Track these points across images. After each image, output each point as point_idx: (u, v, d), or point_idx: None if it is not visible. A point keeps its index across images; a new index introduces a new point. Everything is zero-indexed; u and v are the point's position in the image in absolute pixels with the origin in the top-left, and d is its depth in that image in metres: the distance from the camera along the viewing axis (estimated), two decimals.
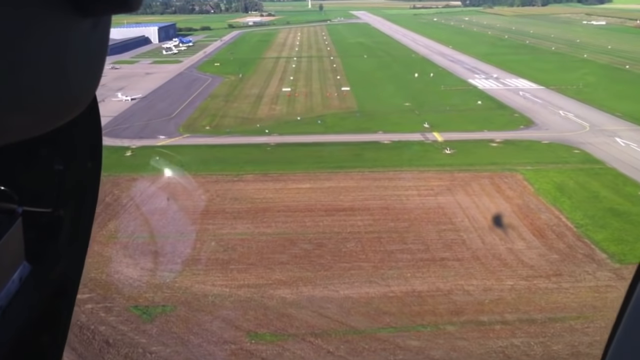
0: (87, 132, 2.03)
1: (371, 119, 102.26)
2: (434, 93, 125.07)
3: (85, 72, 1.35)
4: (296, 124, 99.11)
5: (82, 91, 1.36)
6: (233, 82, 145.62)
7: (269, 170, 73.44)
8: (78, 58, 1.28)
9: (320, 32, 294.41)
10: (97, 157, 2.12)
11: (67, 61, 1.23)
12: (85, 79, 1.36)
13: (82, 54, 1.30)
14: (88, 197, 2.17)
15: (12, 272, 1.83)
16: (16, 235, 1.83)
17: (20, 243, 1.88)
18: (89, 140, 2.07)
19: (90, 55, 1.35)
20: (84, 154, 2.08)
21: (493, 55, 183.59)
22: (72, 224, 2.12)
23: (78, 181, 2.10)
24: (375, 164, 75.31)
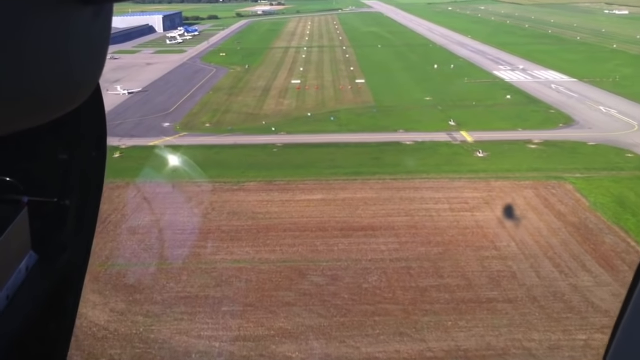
0: (91, 121, 2.01)
1: (390, 115, 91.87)
2: (457, 86, 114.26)
3: (88, 61, 1.34)
4: (306, 121, 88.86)
5: (85, 80, 1.36)
6: (239, 73, 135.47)
7: (275, 177, 63.35)
8: (80, 47, 1.28)
9: (332, 21, 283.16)
10: (101, 147, 2.09)
11: (69, 50, 1.23)
12: (88, 68, 1.36)
13: (84, 42, 1.30)
14: (93, 186, 2.15)
15: (19, 261, 1.85)
16: (22, 225, 1.85)
17: (26, 233, 1.90)
18: (94, 130, 2.04)
19: (92, 44, 1.34)
20: (89, 143, 2.06)
21: (516, 46, 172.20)
22: (78, 214, 2.11)
23: (83, 171, 2.09)
24: (397, 169, 65.04)
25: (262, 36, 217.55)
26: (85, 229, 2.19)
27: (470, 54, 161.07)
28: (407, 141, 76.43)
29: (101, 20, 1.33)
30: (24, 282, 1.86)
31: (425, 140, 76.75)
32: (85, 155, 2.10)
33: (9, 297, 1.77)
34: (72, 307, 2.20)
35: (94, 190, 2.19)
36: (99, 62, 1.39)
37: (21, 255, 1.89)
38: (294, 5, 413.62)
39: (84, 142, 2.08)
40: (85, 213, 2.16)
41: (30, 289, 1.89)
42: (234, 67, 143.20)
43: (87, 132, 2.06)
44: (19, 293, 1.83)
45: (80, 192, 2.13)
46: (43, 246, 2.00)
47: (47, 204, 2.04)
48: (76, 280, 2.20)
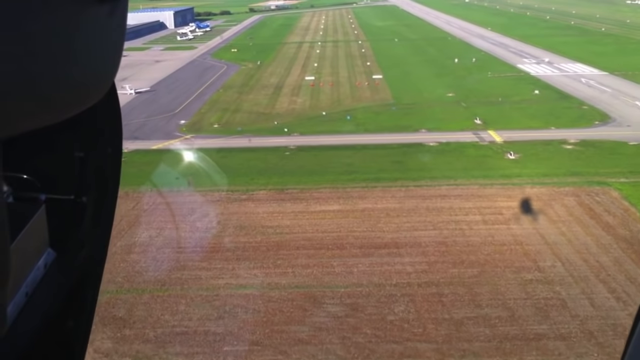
0: (106, 118, 2.04)
1: (410, 113, 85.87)
2: (480, 81, 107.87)
3: (104, 58, 1.35)
4: (321, 121, 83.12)
5: (101, 78, 1.37)
6: (250, 70, 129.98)
7: (287, 184, 57.81)
8: (96, 44, 1.29)
9: (347, 15, 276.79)
10: (117, 143, 2.13)
11: (84, 48, 1.24)
12: (104, 65, 1.37)
13: (99, 40, 1.31)
14: (109, 183, 2.18)
15: (37, 258, 1.88)
16: (40, 223, 1.88)
17: (44, 230, 1.92)
18: (109, 127, 2.07)
19: (107, 41, 1.36)
20: (104, 140, 2.09)
21: (539, 37, 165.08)
22: (95, 210, 2.14)
23: (99, 167, 2.13)
24: (421, 174, 59.17)
25: (275, 31, 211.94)
26: (102, 225, 2.19)
27: (492, 46, 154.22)
28: (431, 142, 70.46)
29: (116, 18, 1.34)
30: (42, 279, 1.87)
31: (450, 140, 70.75)
32: (102, 152, 2.10)
33: (28, 294, 1.78)
34: (90, 304, 2.19)
35: (111, 187, 2.18)
36: (115, 60, 1.41)
37: (39, 252, 1.90)
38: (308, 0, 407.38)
39: (99, 139, 2.07)
40: (102, 210, 2.16)
41: (49, 286, 1.89)
42: (246, 64, 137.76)
43: (103, 129, 2.05)
44: (38, 290, 1.83)
45: (96, 189, 2.13)
46: (61, 243, 2.00)
47: (64, 201, 2.05)
48: (94, 277, 2.19)
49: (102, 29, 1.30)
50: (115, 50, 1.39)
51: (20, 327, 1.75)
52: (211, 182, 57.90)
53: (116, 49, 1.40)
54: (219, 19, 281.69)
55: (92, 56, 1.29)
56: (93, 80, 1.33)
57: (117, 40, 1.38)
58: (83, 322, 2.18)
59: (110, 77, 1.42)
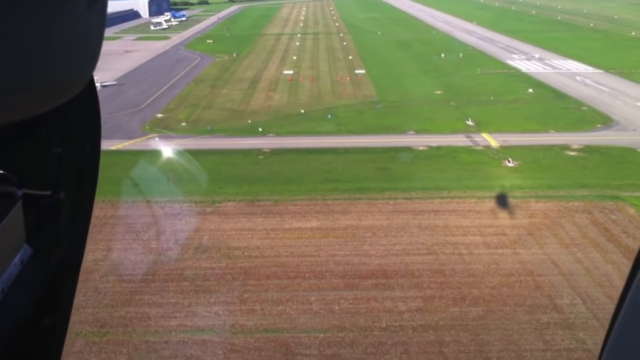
0: (85, 114, 2.02)
1: (396, 112, 79.11)
2: (469, 78, 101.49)
3: (82, 51, 1.33)
4: (299, 120, 76.01)
5: (79, 71, 1.35)
6: (225, 62, 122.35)
7: (259, 194, 50.79)
8: (74, 37, 1.27)
9: (327, 7, 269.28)
10: (96, 139, 2.10)
11: (63, 41, 1.22)
12: (82, 59, 1.34)
13: (79, 33, 1.29)
14: (88, 179, 2.15)
15: (13, 255, 1.86)
16: (17, 219, 1.86)
17: (20, 226, 1.90)
18: (87, 122, 2.05)
19: (86, 35, 1.33)
20: (83, 136, 2.06)
21: (526, 32, 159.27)
22: (72, 207, 2.11)
23: (77, 163, 2.10)
24: (411, 184, 52.46)
25: (254, 22, 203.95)
26: (80, 222, 2.16)
27: (479, 41, 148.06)
28: (420, 146, 63.76)
29: (96, 11, 1.32)
30: (18, 276, 1.84)
31: (440, 144, 64.11)
32: (80, 148, 2.07)
33: (4, 291, 1.76)
34: (67, 301, 2.17)
35: (89, 184, 2.15)
36: (94, 54, 1.38)
37: (16, 248, 1.87)
38: None
39: (78, 135, 2.04)
40: (79, 206, 2.13)
41: (25, 283, 1.87)
42: (221, 56, 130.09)
43: (81, 126, 2.03)
44: (14, 287, 1.80)
45: (74, 185, 2.10)
46: (37, 240, 1.98)
47: (41, 197, 2.02)
48: (71, 274, 2.16)
49: (81, 22, 1.28)
50: (94, 44, 1.37)
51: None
52: (173, 191, 50.69)
53: (95, 43, 1.37)
54: (197, 8, 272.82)
55: (70, 50, 1.26)
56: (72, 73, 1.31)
57: (96, 34, 1.36)
58: (60, 319, 2.12)
59: (89, 71, 1.39)
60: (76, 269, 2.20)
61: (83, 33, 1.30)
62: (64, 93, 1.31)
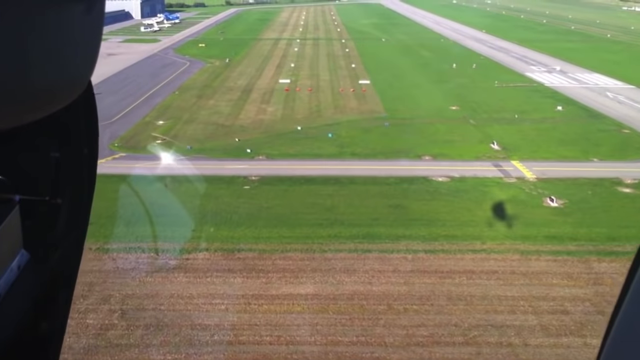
0: (82, 118, 2.01)
1: (407, 131, 68.16)
2: (486, 91, 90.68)
3: (80, 56, 1.33)
4: (295, 138, 64.95)
5: (78, 76, 1.35)
6: (216, 68, 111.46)
7: (241, 241, 39.84)
8: (72, 42, 1.26)
9: (329, 12, 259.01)
10: (93, 144, 2.10)
11: (61, 45, 1.22)
12: (81, 64, 1.34)
13: (77, 37, 1.28)
14: (85, 184, 2.15)
15: (11, 260, 1.86)
16: (14, 224, 1.86)
17: (18, 231, 1.91)
18: (85, 127, 2.05)
19: (84, 39, 1.33)
20: (80, 140, 2.06)
21: (540, 42, 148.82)
22: (70, 212, 2.12)
23: (75, 168, 2.10)
24: (433, 230, 41.47)
25: (250, 26, 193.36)
26: (77, 227, 2.15)
27: (491, 50, 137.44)
28: (439, 176, 52.74)
29: (93, 15, 1.31)
30: (15, 281, 1.83)
31: (464, 174, 53.12)
32: (77, 152, 2.06)
33: (1, 296, 1.76)
34: (64, 306, 2.16)
35: (86, 188, 2.15)
36: (92, 58, 1.38)
37: (13, 254, 1.87)
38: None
39: (75, 139, 2.03)
40: (77, 211, 2.13)
41: (23, 288, 1.86)
42: (212, 61, 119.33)
43: (79, 130, 2.02)
44: (11, 292, 1.80)
45: (72, 190, 2.10)
46: (35, 245, 1.97)
47: (38, 202, 2.01)
48: (68, 279, 2.15)
49: (79, 26, 1.26)
50: (91, 49, 1.35)
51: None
52: (131, 233, 39.68)
53: (93, 48, 1.36)
54: (192, 11, 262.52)
55: (69, 54, 1.25)
56: (70, 78, 1.30)
57: (94, 38, 1.35)
58: (57, 324, 2.11)
59: (87, 75, 1.39)
60: (73, 274, 2.17)
61: (81, 37, 1.29)
62: (62, 98, 1.30)
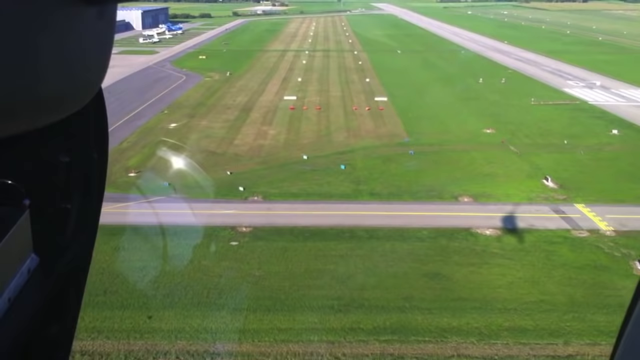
0: (92, 123, 2.02)
1: (437, 161, 55.97)
2: (523, 110, 78.37)
3: (92, 62, 1.34)
4: (299, 172, 52.79)
5: (89, 81, 1.35)
6: (215, 83, 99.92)
7: (218, 337, 27.58)
8: (84, 48, 1.28)
9: (339, 22, 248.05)
10: (103, 149, 2.11)
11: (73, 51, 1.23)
12: (92, 69, 1.35)
13: (88, 43, 1.29)
14: (95, 188, 2.17)
15: (21, 264, 1.87)
16: (24, 227, 1.86)
17: (28, 235, 1.91)
18: (94, 132, 2.05)
19: (96, 45, 1.34)
20: (90, 145, 2.07)
21: (571, 54, 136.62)
22: (80, 216, 2.13)
23: (84, 173, 2.11)
24: (491, 320, 29.10)
25: (257, 37, 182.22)
26: (87, 231, 2.15)
27: (518, 63, 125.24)
28: (485, 228, 40.33)
29: (105, 21, 1.32)
30: (25, 285, 1.84)
31: (518, 225, 40.70)
32: (87, 157, 2.06)
33: (10, 300, 1.75)
34: (73, 310, 2.15)
35: (96, 193, 2.15)
36: (103, 63, 1.38)
37: (23, 257, 1.87)
38: (298, 7, 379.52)
39: (85, 144, 2.03)
40: (86, 216, 2.13)
41: (32, 292, 1.87)
42: (211, 74, 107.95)
43: (89, 134, 2.01)
44: (21, 295, 1.80)
45: (81, 194, 2.10)
46: (45, 249, 1.97)
47: (48, 207, 2.02)
48: (78, 283, 2.16)
49: (91, 32, 1.27)
50: (103, 54, 1.36)
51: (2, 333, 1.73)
52: None
53: (104, 53, 1.37)
54: (197, 21, 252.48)
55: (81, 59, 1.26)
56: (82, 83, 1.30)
57: (105, 43, 1.36)
58: (66, 328, 2.11)
59: (99, 81, 1.39)
60: (83, 278, 2.17)
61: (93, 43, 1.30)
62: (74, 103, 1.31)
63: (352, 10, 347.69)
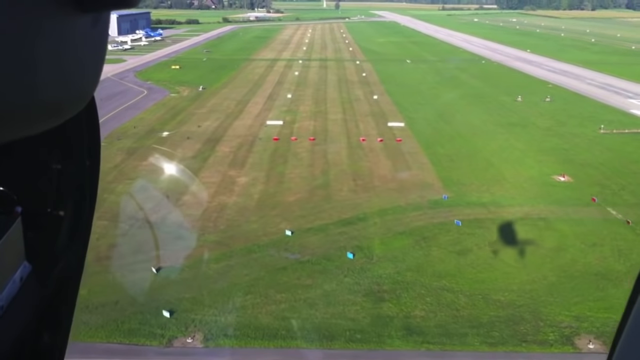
0: (84, 130, 2.02)
1: (504, 240, 34.13)
2: (595, 144, 56.64)
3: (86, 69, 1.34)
4: (275, 270, 30.71)
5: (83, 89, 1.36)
6: (181, 101, 77.96)
7: None
8: (78, 55, 1.28)
9: (338, 29, 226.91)
10: (95, 156, 2.12)
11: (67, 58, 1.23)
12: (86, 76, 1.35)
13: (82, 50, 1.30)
14: (87, 195, 2.16)
15: (13, 272, 1.85)
16: (16, 235, 1.86)
17: (20, 243, 1.89)
18: (87, 139, 2.05)
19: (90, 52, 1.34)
20: (82, 152, 2.07)
21: (610, 65, 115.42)
22: (72, 223, 2.12)
23: (77, 180, 2.11)
24: None
25: (245, 44, 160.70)
26: (79, 238, 2.14)
27: (554, 75, 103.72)
28: None
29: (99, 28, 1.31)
30: (18, 293, 1.81)
31: None
32: (80, 164, 2.06)
33: (3, 308, 1.73)
34: (66, 318, 2.13)
35: (88, 200, 2.14)
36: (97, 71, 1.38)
37: (15, 265, 1.85)
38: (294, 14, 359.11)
39: (77, 151, 2.04)
40: (79, 223, 2.12)
41: (25, 300, 1.85)
42: (180, 89, 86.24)
43: (82, 141, 2.02)
44: (13, 304, 1.78)
45: (74, 201, 2.09)
46: (37, 256, 1.95)
47: (40, 214, 2.02)
48: (70, 291, 2.14)
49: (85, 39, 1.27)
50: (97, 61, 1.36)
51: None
52: None
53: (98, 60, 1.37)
54: (183, 27, 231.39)
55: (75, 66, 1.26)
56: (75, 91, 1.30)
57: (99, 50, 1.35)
58: (59, 336, 2.08)
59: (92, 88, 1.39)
60: (75, 286, 2.16)
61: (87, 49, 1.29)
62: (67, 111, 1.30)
63: (352, 17, 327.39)
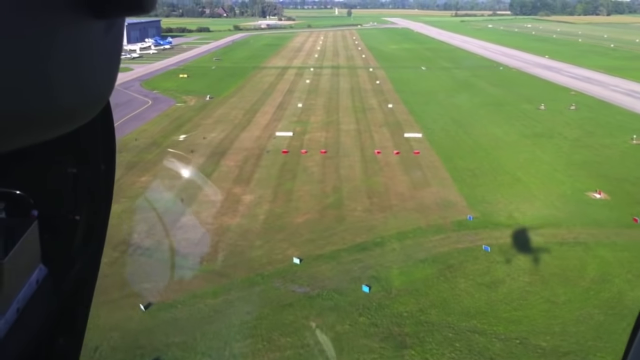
0: (100, 135, 2.06)
1: (543, 273, 30.08)
2: (629, 156, 52.54)
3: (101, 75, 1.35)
4: (279, 306, 26.90)
5: (98, 95, 1.36)
6: (188, 111, 74.71)
7: None
8: (93, 61, 1.29)
9: (350, 37, 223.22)
10: (111, 160, 2.15)
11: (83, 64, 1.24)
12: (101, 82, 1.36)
13: (97, 57, 1.30)
14: (102, 199, 2.19)
15: (29, 275, 1.89)
16: (32, 239, 1.90)
17: (36, 246, 1.94)
18: (102, 143, 2.09)
19: (105, 58, 1.35)
20: (97, 156, 2.11)
21: (636, 71, 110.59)
22: (87, 227, 2.15)
23: (92, 184, 2.14)
24: None
25: (255, 52, 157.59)
26: (95, 242, 2.16)
27: (577, 82, 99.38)
28: None
29: (113, 34, 1.33)
30: (34, 296, 1.86)
31: None
32: (95, 168, 2.10)
33: (19, 310, 1.78)
34: (81, 321, 2.18)
35: (103, 204, 2.17)
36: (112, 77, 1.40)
37: (31, 268, 1.90)
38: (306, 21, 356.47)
39: (93, 156, 2.08)
40: (94, 227, 2.15)
41: (40, 302, 1.88)
42: (187, 98, 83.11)
43: (97, 146, 2.06)
44: (29, 306, 1.82)
45: (89, 205, 2.12)
46: (53, 260, 2.00)
47: (56, 218, 2.06)
48: (85, 294, 2.18)
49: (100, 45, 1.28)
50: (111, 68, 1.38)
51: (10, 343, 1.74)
52: None
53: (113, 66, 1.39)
54: (193, 35, 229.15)
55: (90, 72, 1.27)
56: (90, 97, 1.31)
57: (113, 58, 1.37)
58: (74, 339, 2.13)
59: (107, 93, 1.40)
60: (90, 289, 2.19)
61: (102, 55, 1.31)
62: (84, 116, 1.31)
63: (364, 24, 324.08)
